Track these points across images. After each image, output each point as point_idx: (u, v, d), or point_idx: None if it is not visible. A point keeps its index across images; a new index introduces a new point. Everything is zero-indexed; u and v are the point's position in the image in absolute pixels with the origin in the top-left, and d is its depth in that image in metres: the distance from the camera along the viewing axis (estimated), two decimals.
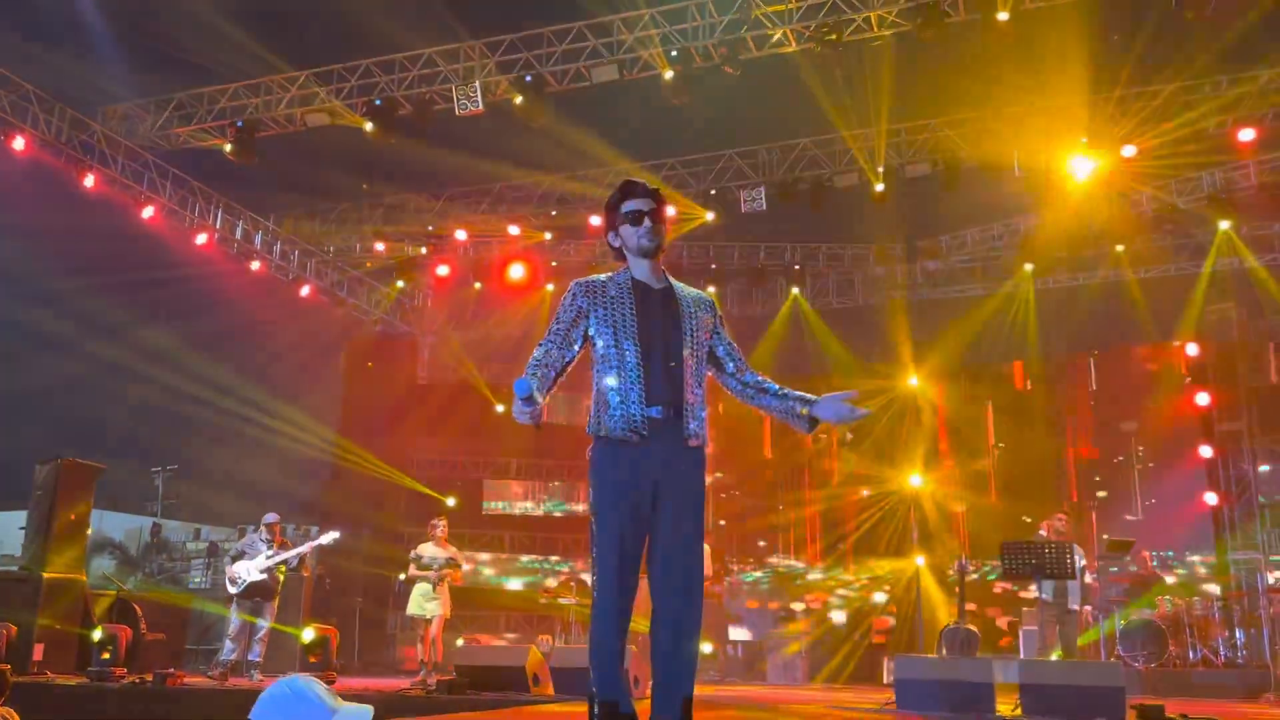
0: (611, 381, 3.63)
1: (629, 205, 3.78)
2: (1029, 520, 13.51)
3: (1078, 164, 13.00)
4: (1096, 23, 11.42)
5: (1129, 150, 12.76)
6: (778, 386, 3.82)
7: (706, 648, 13.11)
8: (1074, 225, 14.86)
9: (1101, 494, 14.75)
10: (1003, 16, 10.14)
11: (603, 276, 3.78)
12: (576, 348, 3.73)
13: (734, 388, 3.88)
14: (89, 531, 12.07)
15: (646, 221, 3.73)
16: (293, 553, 10.11)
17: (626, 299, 3.68)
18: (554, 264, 16.86)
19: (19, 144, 12.05)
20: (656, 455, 3.57)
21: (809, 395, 3.72)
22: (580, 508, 18.81)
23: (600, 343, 3.68)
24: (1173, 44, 11.49)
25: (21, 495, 11.88)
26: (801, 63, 11.61)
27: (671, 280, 3.82)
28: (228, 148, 12.86)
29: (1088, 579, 9.89)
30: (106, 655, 10.28)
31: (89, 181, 12.85)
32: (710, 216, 14.74)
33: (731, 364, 3.86)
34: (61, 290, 14.60)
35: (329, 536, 10.39)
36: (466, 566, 11.78)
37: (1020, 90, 12.70)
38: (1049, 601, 9.44)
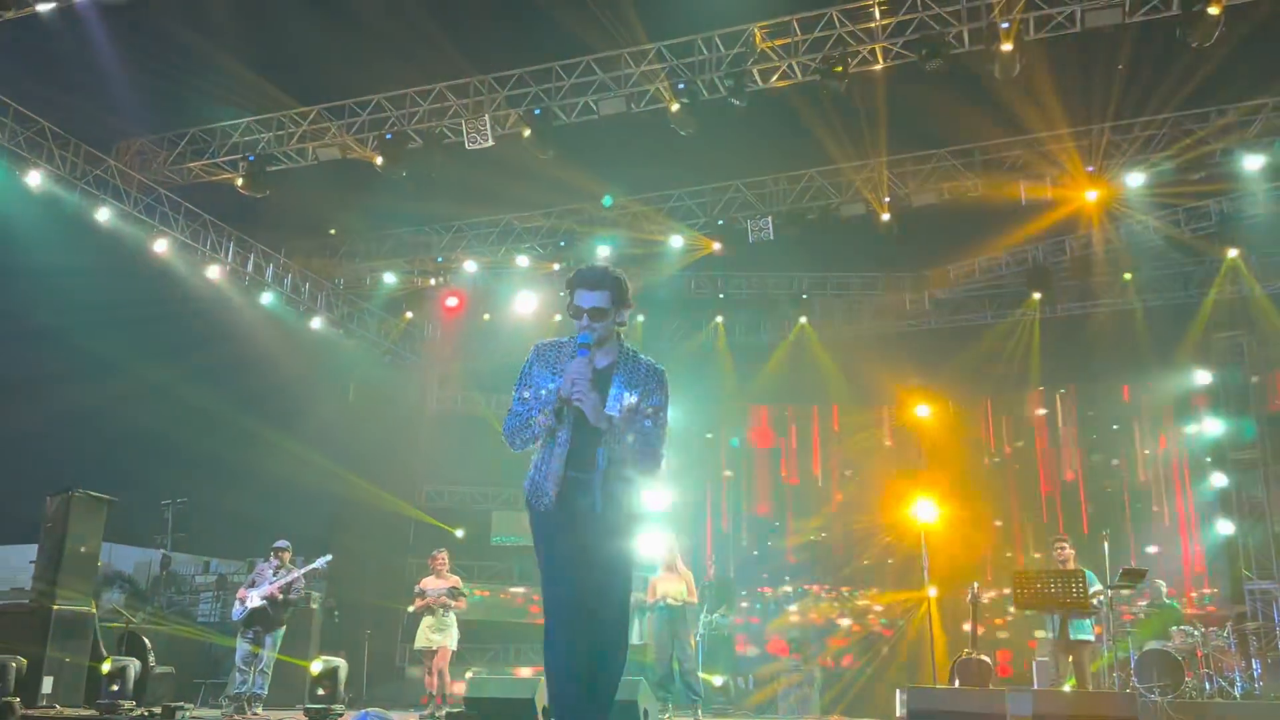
0: (538, 453, 3.93)
1: (571, 299, 3.96)
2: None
3: (1084, 193, 13.04)
4: (1102, 52, 11.52)
5: (1136, 179, 12.80)
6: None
7: (717, 680, 13.00)
8: (1082, 254, 14.89)
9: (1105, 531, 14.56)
10: (1006, 48, 10.21)
11: (565, 340, 3.99)
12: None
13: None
14: (99, 564, 12.07)
15: (585, 319, 3.90)
16: (286, 578, 10.16)
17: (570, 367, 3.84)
18: (562, 294, 16.90)
19: (34, 179, 12.19)
20: (573, 522, 3.84)
21: None
22: None
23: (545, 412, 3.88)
24: (1179, 72, 11.56)
25: (32, 528, 11.89)
26: (807, 94, 11.72)
27: (624, 355, 3.95)
28: (239, 182, 13.00)
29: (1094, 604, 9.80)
30: (115, 688, 10.26)
31: (103, 216, 12.98)
32: (717, 247, 14.81)
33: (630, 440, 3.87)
34: (73, 324, 14.69)
35: (322, 560, 10.44)
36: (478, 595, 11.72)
37: (1026, 119, 12.77)
38: (1056, 635, 9.40)
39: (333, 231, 15.20)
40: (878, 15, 10.88)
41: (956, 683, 9.72)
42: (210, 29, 11.28)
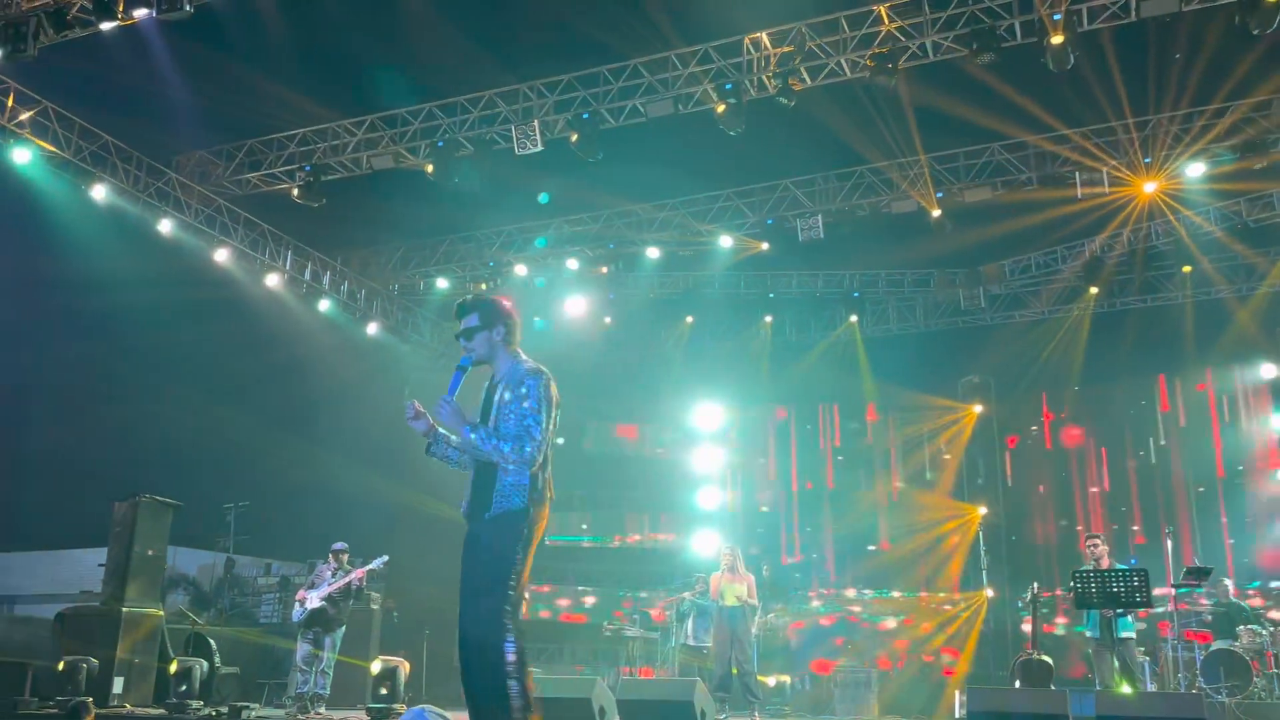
0: None
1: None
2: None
3: (1141, 184, 12.81)
4: (1159, 41, 11.30)
5: (1195, 169, 12.54)
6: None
7: (771, 681, 12.98)
8: (1140, 247, 14.62)
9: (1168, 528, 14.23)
10: (1057, 40, 10.06)
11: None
12: None
13: None
14: (165, 567, 12.38)
15: (462, 341, 4.56)
16: (343, 580, 10.32)
17: (484, 389, 4.56)
18: (612, 297, 17.00)
19: (99, 192, 12.54)
20: (470, 519, 4.50)
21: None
22: (643, 537, 18.80)
23: None
24: (1239, 59, 11.31)
25: (101, 532, 12.22)
26: (857, 91, 11.66)
27: (515, 367, 4.47)
28: (295, 192, 13.23)
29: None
30: (183, 688, 10.54)
31: (165, 227, 13.32)
32: (765, 247, 14.77)
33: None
34: (137, 332, 15.06)
35: (379, 561, 10.58)
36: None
37: (1081, 110, 12.57)
38: (1096, 634, 9.28)
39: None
40: (927, 10, 10.78)
41: (1017, 683, 9.62)
42: (266, 43, 11.52)
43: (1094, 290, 15.33)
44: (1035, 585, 10.34)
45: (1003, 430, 17.39)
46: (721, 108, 11.43)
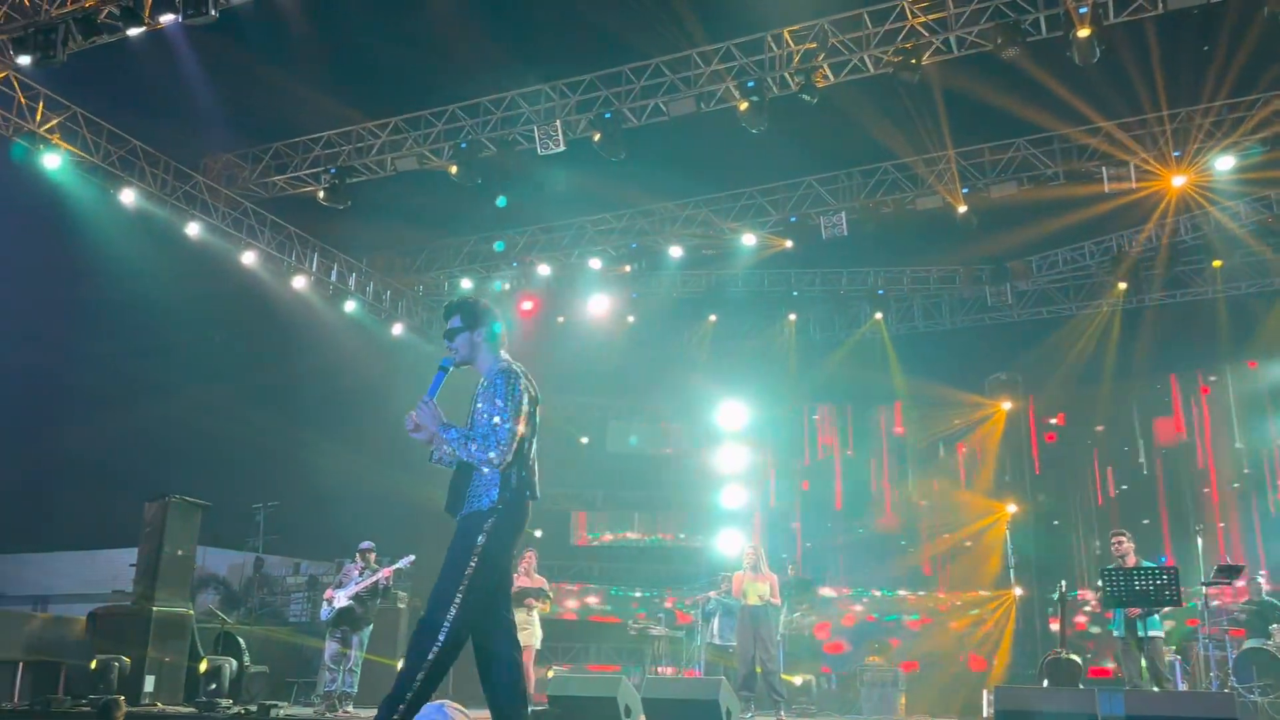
0: None
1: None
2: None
3: (1170, 179, 12.65)
4: (1186, 34, 11.16)
5: (1225, 163, 12.37)
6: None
7: (797, 680, 12.93)
8: (1169, 241, 14.45)
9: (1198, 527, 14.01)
10: (1083, 34, 9.95)
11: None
12: None
13: None
14: (195, 567, 12.50)
15: (445, 342, 4.72)
16: (371, 579, 10.37)
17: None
18: (635, 296, 17.00)
19: (127, 197, 12.68)
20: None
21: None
22: (666, 537, 18.79)
23: None
24: (1269, 52, 11.15)
25: (131, 532, 12.35)
26: (880, 87, 11.59)
27: (492, 367, 4.61)
28: (320, 194, 13.32)
29: None
30: (213, 686, 10.64)
31: (192, 230, 13.45)
32: (789, 245, 14.72)
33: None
34: (166, 333, 15.24)
35: (405, 560, 10.60)
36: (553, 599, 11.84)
37: (1108, 105, 12.42)
38: (1122, 634, 9.19)
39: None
40: (951, 4, 10.70)
41: (1045, 682, 9.54)
42: (291, 46, 11.61)
43: (1123, 286, 15.16)
44: (1063, 584, 10.25)
45: (1030, 428, 17.24)
46: (744, 105, 11.41)
